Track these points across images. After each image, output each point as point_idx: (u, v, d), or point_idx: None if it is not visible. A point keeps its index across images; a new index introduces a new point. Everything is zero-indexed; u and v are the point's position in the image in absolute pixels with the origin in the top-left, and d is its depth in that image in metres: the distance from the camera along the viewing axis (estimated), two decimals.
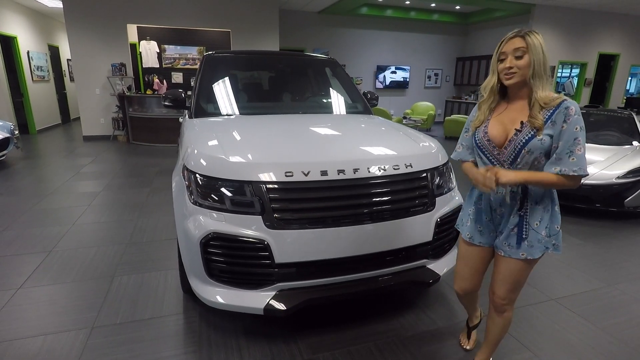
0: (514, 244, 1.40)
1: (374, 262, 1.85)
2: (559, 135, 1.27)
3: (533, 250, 1.37)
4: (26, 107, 8.26)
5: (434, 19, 10.55)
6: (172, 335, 1.95)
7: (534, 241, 1.37)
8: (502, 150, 1.37)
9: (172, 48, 8.65)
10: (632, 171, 3.66)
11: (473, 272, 1.60)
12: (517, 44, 1.29)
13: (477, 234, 1.53)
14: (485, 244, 1.52)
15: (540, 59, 1.27)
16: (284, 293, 1.75)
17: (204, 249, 1.71)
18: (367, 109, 3.14)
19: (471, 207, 1.53)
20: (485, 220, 1.50)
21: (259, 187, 1.70)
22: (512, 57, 1.30)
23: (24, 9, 8.26)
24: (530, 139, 1.29)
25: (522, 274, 1.43)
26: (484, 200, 1.48)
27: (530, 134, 1.29)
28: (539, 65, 1.27)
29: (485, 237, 1.51)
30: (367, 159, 1.88)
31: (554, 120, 1.27)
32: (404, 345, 1.90)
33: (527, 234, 1.37)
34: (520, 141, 1.31)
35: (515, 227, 1.39)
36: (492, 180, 1.27)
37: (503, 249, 1.43)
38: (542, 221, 1.36)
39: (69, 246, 2.93)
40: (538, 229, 1.36)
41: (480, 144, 1.42)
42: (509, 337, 1.98)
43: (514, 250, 1.40)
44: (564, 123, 1.25)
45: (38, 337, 1.90)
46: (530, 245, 1.37)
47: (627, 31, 9.93)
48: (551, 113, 1.27)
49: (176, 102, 2.94)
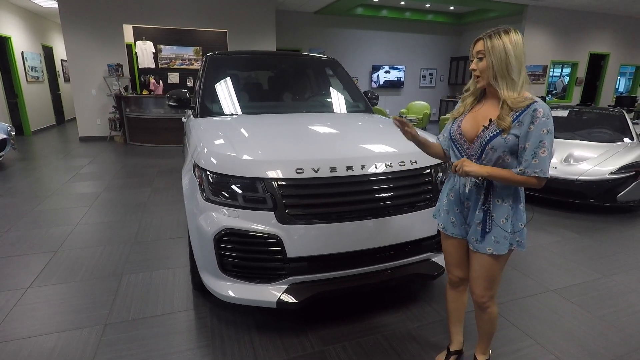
0: (479, 237, 1.43)
1: (382, 256, 1.91)
2: (525, 136, 1.29)
3: (499, 246, 1.39)
4: (21, 108, 8.18)
5: (429, 19, 10.68)
6: (184, 330, 1.99)
7: (499, 237, 1.39)
8: (470, 145, 1.41)
9: (168, 48, 8.64)
10: (624, 167, 3.78)
11: (456, 261, 1.63)
12: (478, 47, 1.33)
13: (449, 225, 1.55)
14: (458, 236, 1.54)
15: (502, 60, 1.28)
16: (296, 286, 1.80)
17: (217, 244, 1.75)
18: (368, 108, 3.21)
19: (444, 198, 1.57)
20: (456, 212, 1.53)
21: (270, 184, 1.75)
22: (476, 59, 1.35)
23: (18, 9, 8.19)
24: (495, 136, 1.32)
25: (493, 269, 1.45)
26: (454, 192, 1.51)
27: (495, 131, 1.32)
28: (499, 66, 1.29)
29: (458, 229, 1.54)
30: (374, 156, 1.95)
31: (521, 121, 1.29)
32: (411, 336, 1.96)
33: (490, 228, 1.40)
34: (485, 138, 1.35)
35: (481, 222, 1.42)
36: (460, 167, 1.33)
37: (472, 243, 1.47)
38: (508, 219, 1.39)
39: (75, 246, 2.95)
40: (504, 226, 1.38)
41: (453, 137, 1.47)
42: (510, 327, 2.06)
43: (481, 245, 1.43)
44: (531, 125, 1.27)
45: (52, 334, 1.93)
46: (496, 241, 1.39)
47: (616, 31, 10.15)
48: (519, 114, 1.30)
49: (180, 101, 2.97)
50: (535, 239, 3.26)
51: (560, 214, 3.88)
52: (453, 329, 1.79)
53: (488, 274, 1.47)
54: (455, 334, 1.79)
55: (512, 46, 1.28)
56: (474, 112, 1.44)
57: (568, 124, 4.88)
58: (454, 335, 1.79)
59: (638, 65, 11.05)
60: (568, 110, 5.15)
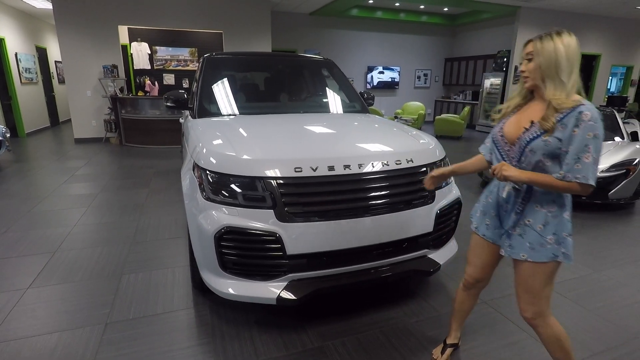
0: (513, 243, 1.39)
1: (379, 252, 1.95)
2: (569, 139, 1.23)
3: (535, 253, 1.33)
4: (15, 109, 8.13)
5: (423, 20, 10.77)
6: (185, 328, 2.01)
7: (535, 244, 1.33)
8: (511, 147, 1.38)
9: (164, 49, 8.64)
10: (615, 165, 3.86)
11: (479, 262, 1.60)
12: (528, 49, 1.32)
13: (483, 226, 1.54)
14: (489, 239, 1.52)
15: (551, 61, 1.25)
16: (295, 283, 1.83)
17: (217, 242, 1.78)
18: (364, 108, 3.25)
19: (484, 199, 1.55)
20: (492, 215, 1.50)
21: (269, 183, 1.78)
22: (525, 61, 1.34)
23: (11, 10, 8.14)
24: (534, 138, 1.28)
25: (532, 281, 1.37)
26: (493, 195, 1.49)
27: (536, 133, 1.29)
28: (547, 67, 1.26)
29: (491, 232, 1.51)
30: (371, 155, 1.99)
31: (565, 123, 1.24)
32: (409, 331, 2.00)
33: (523, 233, 1.36)
34: (525, 139, 1.31)
35: (516, 226, 1.38)
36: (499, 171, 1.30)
37: (504, 249, 1.43)
38: (547, 226, 1.32)
39: (74, 247, 2.96)
40: (542, 232, 1.32)
41: (495, 139, 1.45)
42: (505, 321, 2.10)
43: (513, 250, 1.39)
44: (576, 127, 1.21)
45: (53, 333, 1.94)
46: (531, 248, 1.34)
47: (607, 32, 10.30)
48: (563, 116, 1.24)
49: (178, 102, 3.00)
50: None
51: None
52: (454, 324, 1.82)
53: (527, 285, 1.39)
54: (454, 329, 1.83)
55: (564, 47, 1.25)
56: (519, 113, 1.41)
57: None
58: (453, 330, 1.83)
59: (629, 65, 11.22)
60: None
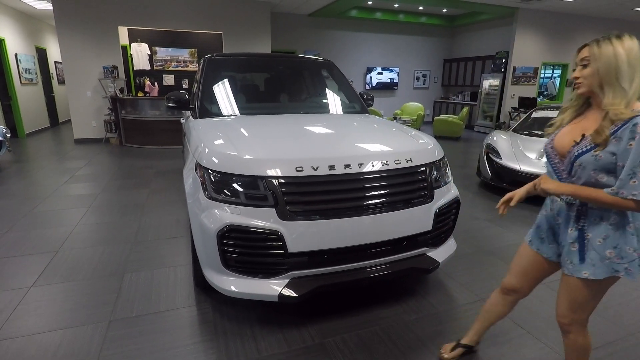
0: (576, 261, 1.29)
1: (379, 250, 1.98)
2: (623, 153, 1.13)
3: (596, 269, 1.24)
4: (14, 110, 8.14)
5: (422, 21, 10.83)
6: (188, 325, 2.04)
7: (595, 260, 1.25)
8: (562, 160, 1.30)
9: (163, 50, 8.66)
10: None
11: (521, 272, 1.55)
12: (583, 54, 1.25)
13: (537, 240, 1.48)
14: (544, 253, 1.45)
15: (611, 66, 1.17)
16: (296, 281, 1.87)
17: (220, 240, 1.81)
18: (364, 108, 3.28)
19: (540, 213, 1.49)
20: (545, 228, 1.43)
21: (271, 182, 1.81)
22: (579, 67, 1.27)
23: (11, 10, 8.15)
24: (583, 153, 1.21)
25: (580, 292, 1.31)
26: (546, 207, 1.44)
27: (586, 147, 1.21)
28: (606, 73, 1.18)
29: (545, 247, 1.44)
30: (371, 155, 2.02)
31: (619, 136, 1.14)
32: (409, 328, 2.04)
33: (583, 249, 1.27)
34: (574, 154, 1.24)
35: (575, 242, 1.29)
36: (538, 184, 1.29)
37: (566, 267, 1.33)
38: (607, 239, 1.23)
39: (75, 246, 2.98)
40: (601, 247, 1.24)
41: (547, 152, 1.38)
42: (504, 319, 2.13)
43: (576, 267, 1.29)
44: (631, 140, 1.11)
45: (57, 331, 1.97)
46: (592, 264, 1.25)
47: (604, 33, 10.37)
48: (618, 128, 1.15)
49: (179, 103, 3.03)
50: None
51: None
52: (476, 325, 1.75)
53: (572, 296, 1.33)
54: (474, 330, 1.75)
55: (625, 52, 1.16)
56: (573, 124, 1.33)
57: None
58: (472, 330, 1.76)
59: None
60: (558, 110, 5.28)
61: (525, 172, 4.16)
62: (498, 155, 4.52)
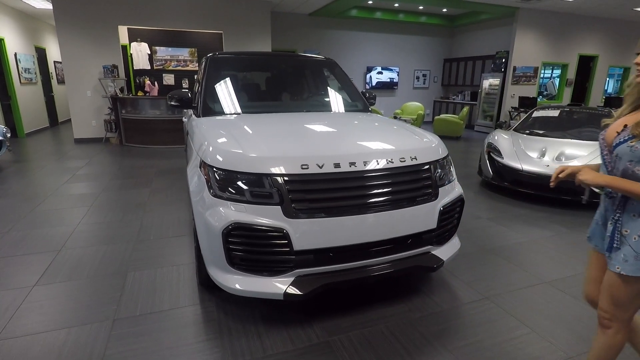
0: (612, 255, 1.29)
1: (384, 248, 1.98)
2: None
3: (628, 266, 1.22)
4: (14, 110, 8.12)
5: (422, 21, 10.83)
6: (192, 324, 2.03)
7: (629, 256, 1.22)
8: (609, 152, 1.30)
9: (163, 50, 8.65)
10: None
11: (589, 275, 1.51)
12: None
13: (594, 235, 1.45)
14: (597, 247, 1.43)
15: None
16: (302, 279, 1.86)
17: (225, 238, 1.80)
18: (366, 107, 3.28)
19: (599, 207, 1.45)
20: (600, 223, 1.42)
21: (276, 179, 1.81)
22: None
23: (11, 10, 8.13)
24: (620, 143, 1.21)
25: (619, 291, 1.28)
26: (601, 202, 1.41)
27: (624, 138, 1.20)
28: None
29: (600, 242, 1.41)
30: (375, 152, 2.02)
31: None
32: (413, 326, 2.03)
33: (618, 244, 1.26)
34: (614, 144, 1.25)
35: (610, 235, 1.30)
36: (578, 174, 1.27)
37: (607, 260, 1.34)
38: None
39: (77, 245, 2.97)
40: (637, 244, 1.21)
41: (600, 142, 1.36)
42: (507, 316, 2.14)
43: (611, 262, 1.29)
44: None
45: (62, 329, 1.96)
46: (625, 260, 1.23)
47: (605, 34, 10.39)
48: None
49: (182, 101, 3.02)
50: (530, 234, 3.36)
51: (552, 210, 3.99)
52: None
53: (611, 291, 1.32)
54: None
55: None
56: (629, 116, 1.30)
57: (559, 124, 5.02)
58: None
59: (626, 67, 11.32)
60: (559, 110, 5.29)
61: (526, 171, 4.17)
62: (499, 155, 4.52)
